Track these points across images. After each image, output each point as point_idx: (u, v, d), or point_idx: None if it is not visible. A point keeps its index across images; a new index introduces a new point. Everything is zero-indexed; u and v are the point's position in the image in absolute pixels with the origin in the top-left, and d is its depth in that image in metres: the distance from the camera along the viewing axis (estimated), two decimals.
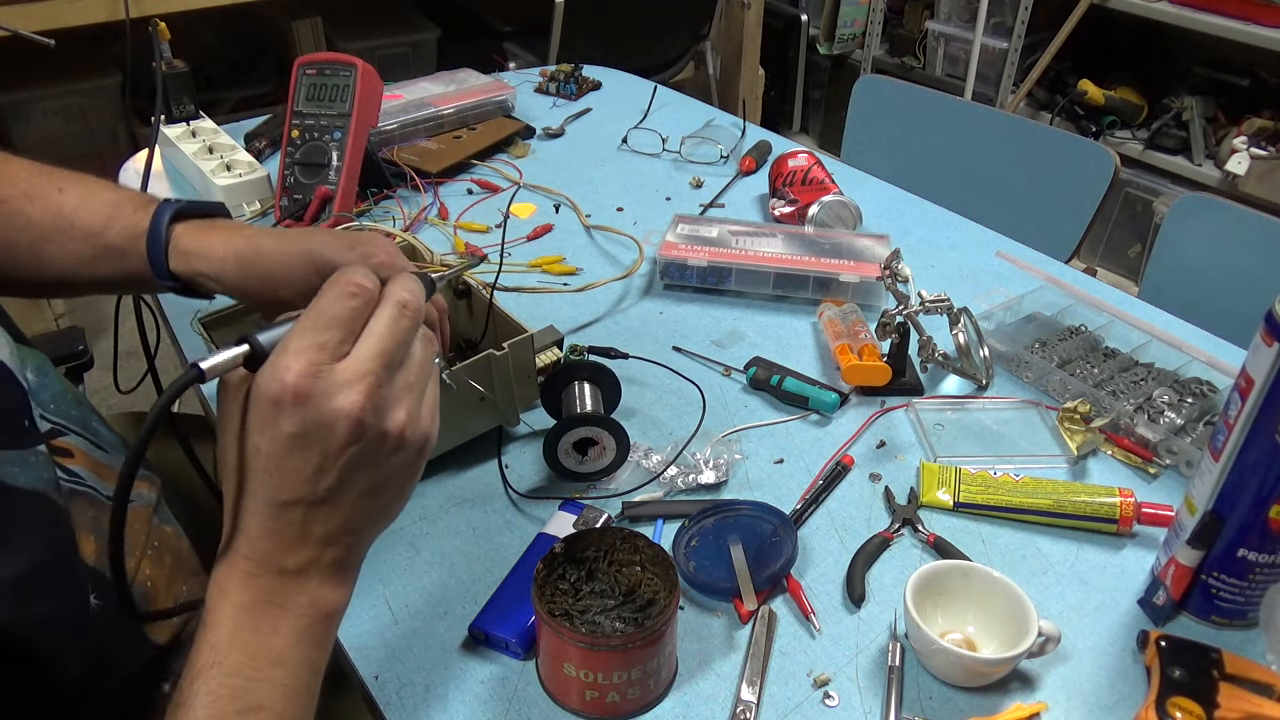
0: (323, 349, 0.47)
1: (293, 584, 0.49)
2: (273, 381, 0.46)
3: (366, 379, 0.47)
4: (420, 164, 1.33)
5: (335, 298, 0.48)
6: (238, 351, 0.48)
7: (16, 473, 0.53)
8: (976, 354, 0.97)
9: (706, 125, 1.52)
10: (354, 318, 0.48)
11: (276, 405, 0.46)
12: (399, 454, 0.49)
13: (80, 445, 0.64)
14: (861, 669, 0.67)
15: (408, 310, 0.50)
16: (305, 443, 0.46)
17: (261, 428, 0.47)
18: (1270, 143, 2.42)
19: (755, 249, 1.12)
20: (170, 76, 1.34)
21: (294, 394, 0.45)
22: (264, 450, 0.47)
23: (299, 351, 0.46)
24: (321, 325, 0.47)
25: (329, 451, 0.47)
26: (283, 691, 0.48)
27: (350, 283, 0.49)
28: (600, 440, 0.81)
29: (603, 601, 0.66)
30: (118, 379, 1.07)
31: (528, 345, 0.83)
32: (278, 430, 0.46)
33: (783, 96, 3.42)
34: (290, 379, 0.45)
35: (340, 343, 0.47)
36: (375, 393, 0.47)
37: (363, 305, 0.49)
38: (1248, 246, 1.24)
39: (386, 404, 0.48)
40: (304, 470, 0.47)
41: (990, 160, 1.55)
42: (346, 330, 0.48)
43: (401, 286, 0.51)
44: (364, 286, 0.49)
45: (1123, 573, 0.76)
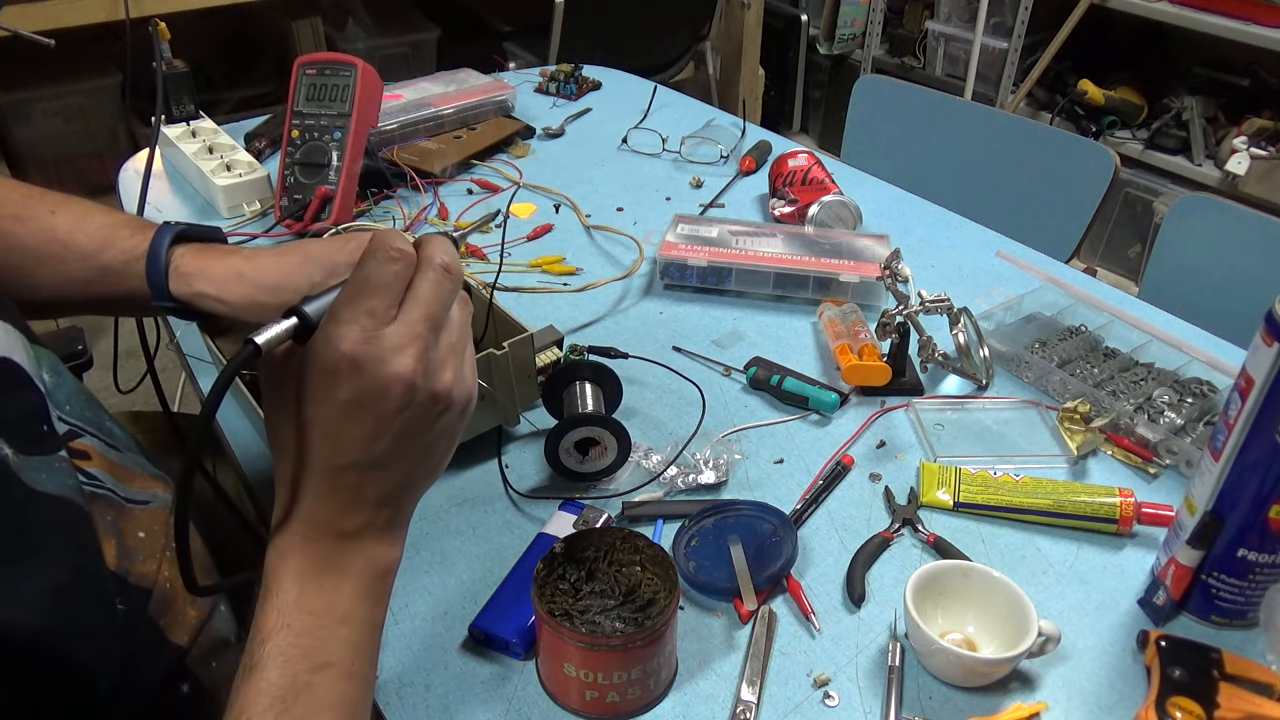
0: (372, 315, 0.47)
1: (351, 546, 0.51)
2: (327, 349, 0.47)
3: (417, 342, 0.48)
4: (420, 164, 1.33)
5: (379, 263, 0.49)
6: (288, 324, 0.49)
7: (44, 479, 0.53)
8: (976, 354, 0.97)
9: (706, 125, 1.52)
10: (398, 282, 0.49)
11: (333, 373, 0.47)
12: (447, 413, 0.51)
13: (96, 446, 0.64)
14: (861, 669, 0.67)
15: (450, 273, 0.51)
16: (360, 408, 0.48)
17: (316, 396, 0.48)
18: (1270, 143, 2.42)
19: (755, 249, 1.12)
20: (170, 76, 1.34)
21: (350, 361, 0.47)
22: (318, 418, 0.48)
23: (350, 320, 0.47)
24: (368, 291, 0.48)
25: (383, 415, 0.48)
26: (350, 648, 0.50)
27: (391, 247, 0.49)
28: (601, 440, 0.81)
29: (603, 601, 0.66)
30: (118, 379, 1.07)
31: (528, 344, 0.83)
32: (333, 397, 0.48)
33: (783, 96, 3.42)
34: (346, 347, 0.47)
35: (388, 308, 0.48)
36: (425, 355, 0.49)
37: (404, 269, 0.50)
38: (1248, 246, 1.24)
39: (435, 365, 0.50)
40: (359, 435, 0.48)
41: (990, 160, 1.55)
42: (393, 295, 0.49)
43: (439, 249, 0.52)
44: (404, 250, 0.50)
45: (1123, 573, 0.76)
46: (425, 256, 0.51)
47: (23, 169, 2.41)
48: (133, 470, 0.66)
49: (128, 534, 0.60)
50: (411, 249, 0.51)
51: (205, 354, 0.95)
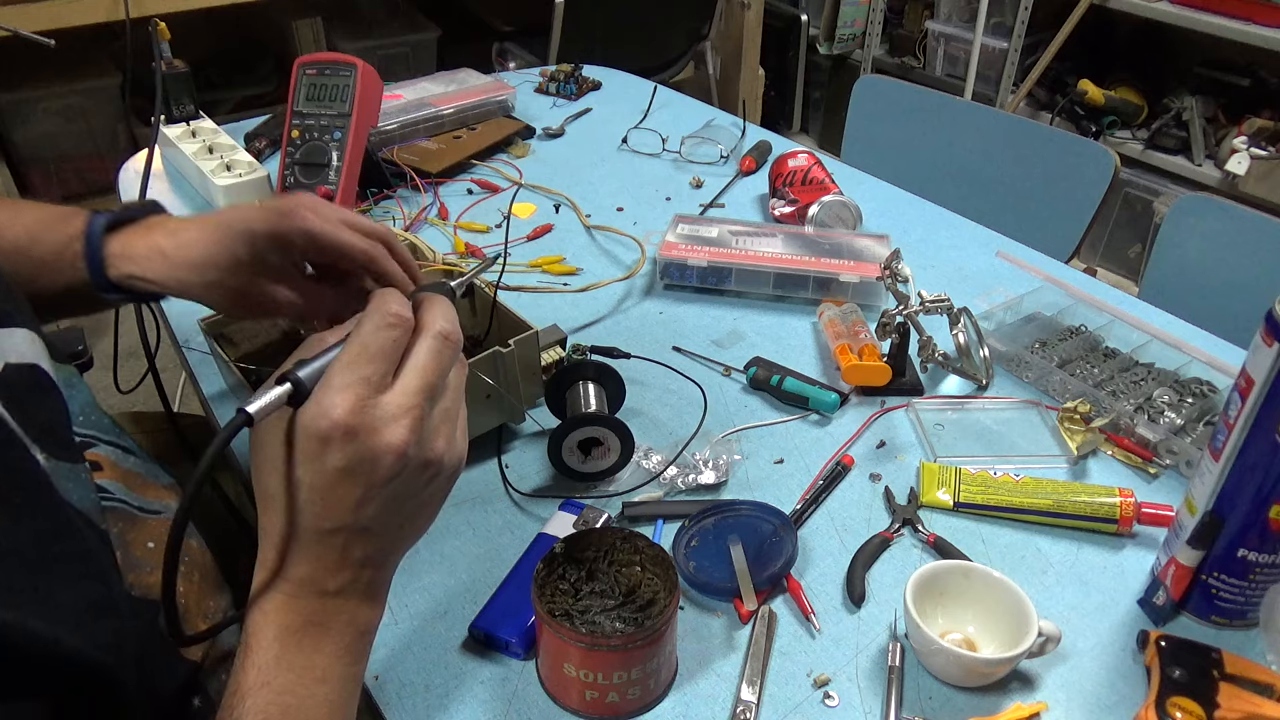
0: (367, 383, 0.47)
1: (333, 605, 0.51)
2: (321, 418, 0.47)
3: (411, 413, 0.48)
4: (420, 164, 1.33)
5: (375, 329, 0.49)
6: (282, 391, 0.49)
7: (71, 489, 0.53)
8: (976, 354, 0.97)
9: (706, 125, 1.52)
10: (395, 348, 0.49)
11: (324, 441, 0.47)
12: (437, 479, 0.52)
13: (110, 455, 0.64)
14: (861, 669, 0.67)
15: (449, 341, 0.51)
16: (351, 475, 0.48)
17: (308, 461, 0.47)
18: (1270, 143, 2.42)
19: (755, 249, 1.12)
20: (170, 76, 1.34)
21: (344, 430, 0.46)
22: (308, 482, 0.48)
23: (345, 387, 0.47)
24: (365, 359, 0.48)
25: (373, 483, 0.48)
26: (328, 706, 0.50)
27: (388, 313, 0.49)
28: (605, 440, 0.81)
29: (603, 601, 0.66)
30: (118, 379, 1.07)
31: (533, 343, 0.83)
32: (324, 464, 0.47)
33: (783, 96, 3.41)
34: (338, 415, 0.46)
35: (384, 375, 0.48)
36: (419, 425, 0.48)
37: (402, 335, 0.50)
38: (1248, 246, 1.24)
39: (428, 434, 0.50)
40: (348, 501, 0.48)
41: (990, 160, 1.55)
42: (389, 362, 0.49)
43: (440, 315, 0.52)
44: (402, 316, 0.50)
45: (1123, 573, 0.76)
46: (425, 323, 0.51)
47: (23, 169, 2.41)
48: (146, 479, 0.66)
49: (135, 544, 0.60)
50: (409, 314, 0.51)
51: (206, 355, 0.95)
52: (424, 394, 0.49)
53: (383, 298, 0.51)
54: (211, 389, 0.93)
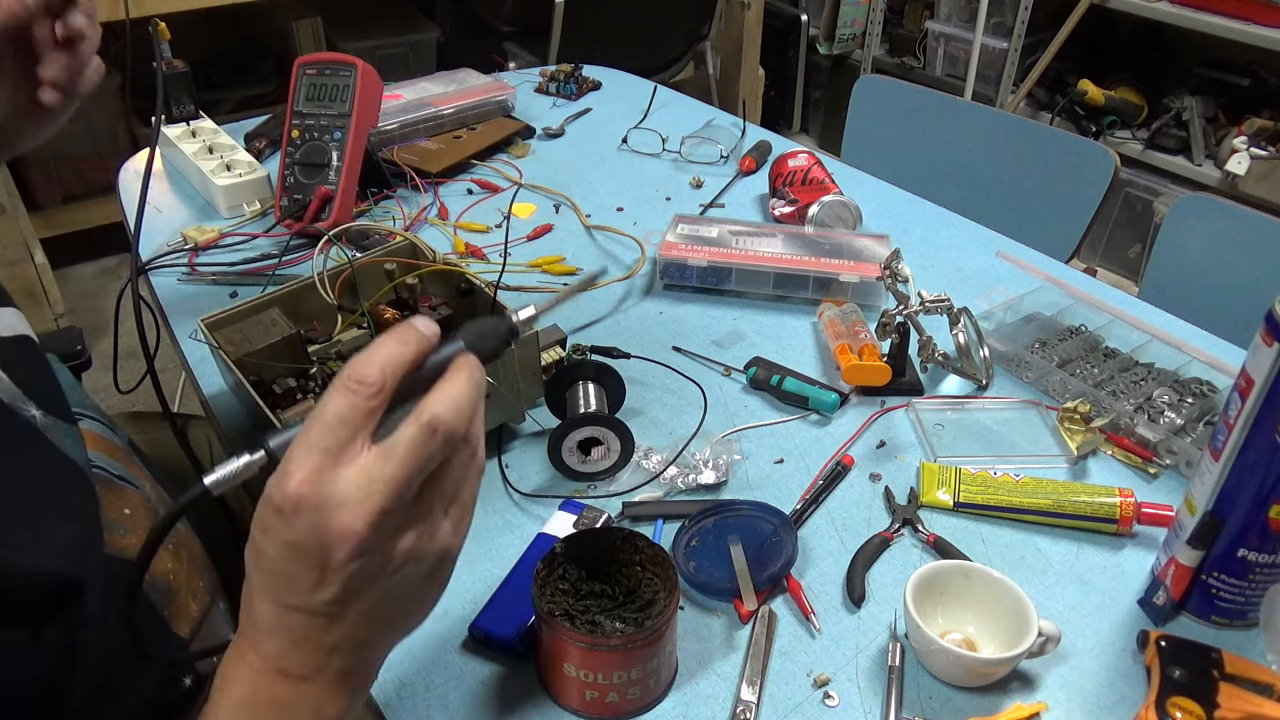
0: (324, 453, 0.43)
1: (295, 688, 0.47)
2: (274, 487, 0.43)
3: (370, 501, 0.43)
4: (420, 164, 1.33)
5: (336, 394, 0.44)
6: (245, 461, 0.46)
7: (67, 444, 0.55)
8: (976, 354, 0.97)
9: (706, 125, 1.52)
10: (358, 414, 0.44)
11: (278, 511, 0.43)
12: (405, 571, 0.46)
13: (93, 429, 0.65)
14: (861, 669, 0.67)
15: (439, 434, 0.44)
16: (303, 553, 0.44)
17: (265, 532, 0.45)
18: (1270, 143, 2.42)
19: (755, 249, 1.12)
20: (170, 76, 1.34)
21: (293, 503, 0.43)
22: (267, 553, 0.45)
23: (302, 457, 0.43)
24: (321, 427, 0.43)
25: (328, 566, 0.44)
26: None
27: (349, 378, 0.44)
28: (605, 440, 0.81)
29: (603, 601, 0.66)
30: (118, 379, 1.07)
31: (534, 343, 0.83)
32: (277, 536, 0.44)
33: (783, 96, 3.41)
34: (290, 487, 0.43)
35: (343, 445, 0.43)
36: (380, 519, 0.43)
37: (365, 401, 0.44)
38: (1248, 246, 1.24)
39: (392, 529, 0.44)
40: (304, 580, 0.44)
41: (990, 160, 1.55)
42: (352, 429, 0.44)
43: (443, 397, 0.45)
44: (364, 380, 0.44)
45: (1123, 573, 0.76)
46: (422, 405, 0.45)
47: (23, 169, 2.41)
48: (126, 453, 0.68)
49: (111, 508, 0.61)
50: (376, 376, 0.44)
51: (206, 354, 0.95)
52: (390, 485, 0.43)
53: (353, 362, 0.45)
54: (211, 389, 0.93)
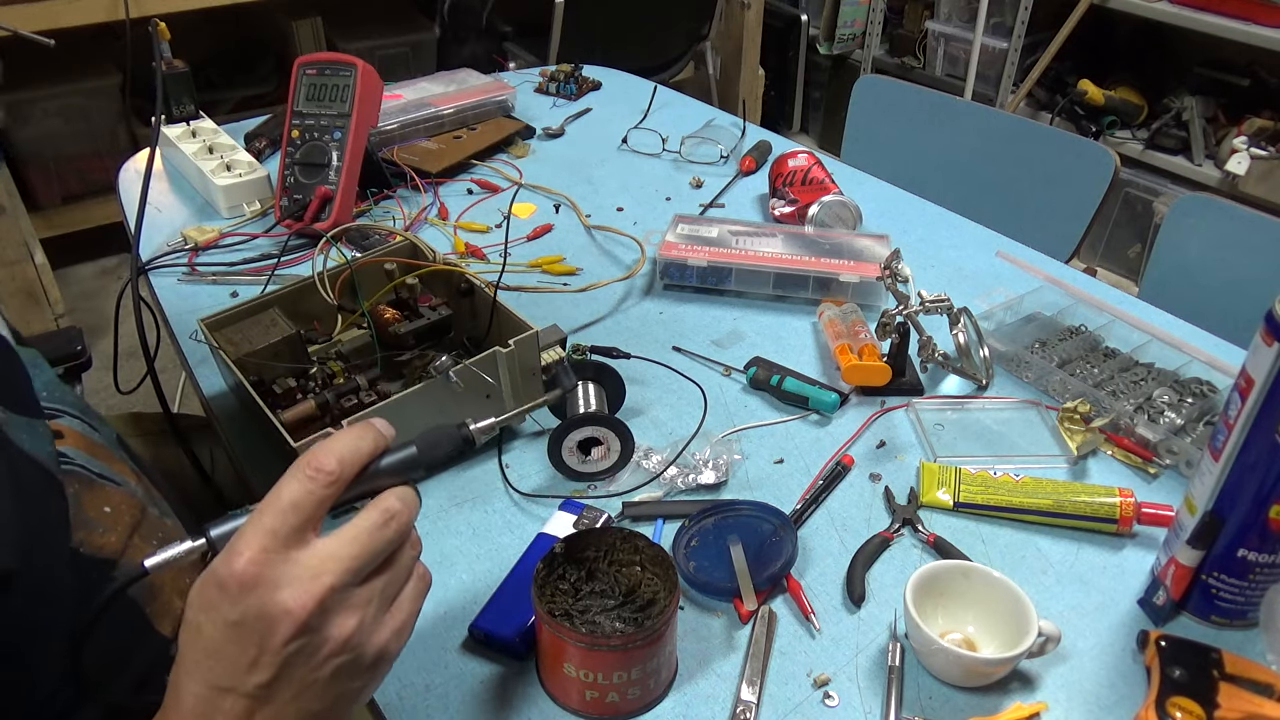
0: (275, 535, 0.45)
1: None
2: (221, 565, 0.45)
3: (320, 580, 0.45)
4: (420, 164, 1.33)
5: (292, 479, 0.46)
6: (186, 547, 0.48)
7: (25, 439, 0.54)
8: (976, 354, 0.97)
9: (706, 125, 1.52)
10: (312, 502, 0.46)
11: (223, 588, 0.44)
12: (339, 660, 0.47)
13: (73, 425, 0.65)
14: (861, 669, 0.67)
15: (392, 523, 0.48)
16: (244, 632, 0.45)
17: (205, 609, 0.45)
18: (1270, 143, 2.42)
19: (755, 249, 1.12)
20: (170, 76, 1.34)
21: (239, 581, 0.44)
22: (205, 631, 0.45)
23: (251, 537, 0.45)
24: (275, 510, 0.45)
25: (266, 646, 0.45)
26: None
27: (308, 465, 0.46)
28: (605, 440, 0.81)
29: (603, 601, 0.66)
30: (117, 379, 1.07)
31: (533, 343, 0.83)
32: (219, 615, 0.45)
33: (783, 96, 3.42)
34: (238, 565, 0.44)
35: (295, 530, 0.45)
36: (326, 596, 0.45)
37: (323, 489, 0.46)
38: (1248, 246, 1.24)
39: (336, 609, 0.46)
40: (240, 660, 0.45)
41: (990, 160, 1.55)
42: (302, 516, 0.46)
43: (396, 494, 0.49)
44: (323, 470, 0.46)
45: (1123, 573, 0.76)
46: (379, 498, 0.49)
47: (23, 169, 2.41)
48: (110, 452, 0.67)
49: (90, 506, 0.60)
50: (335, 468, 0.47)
51: (206, 355, 0.95)
52: (340, 565, 0.45)
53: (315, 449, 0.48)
54: (211, 389, 0.93)
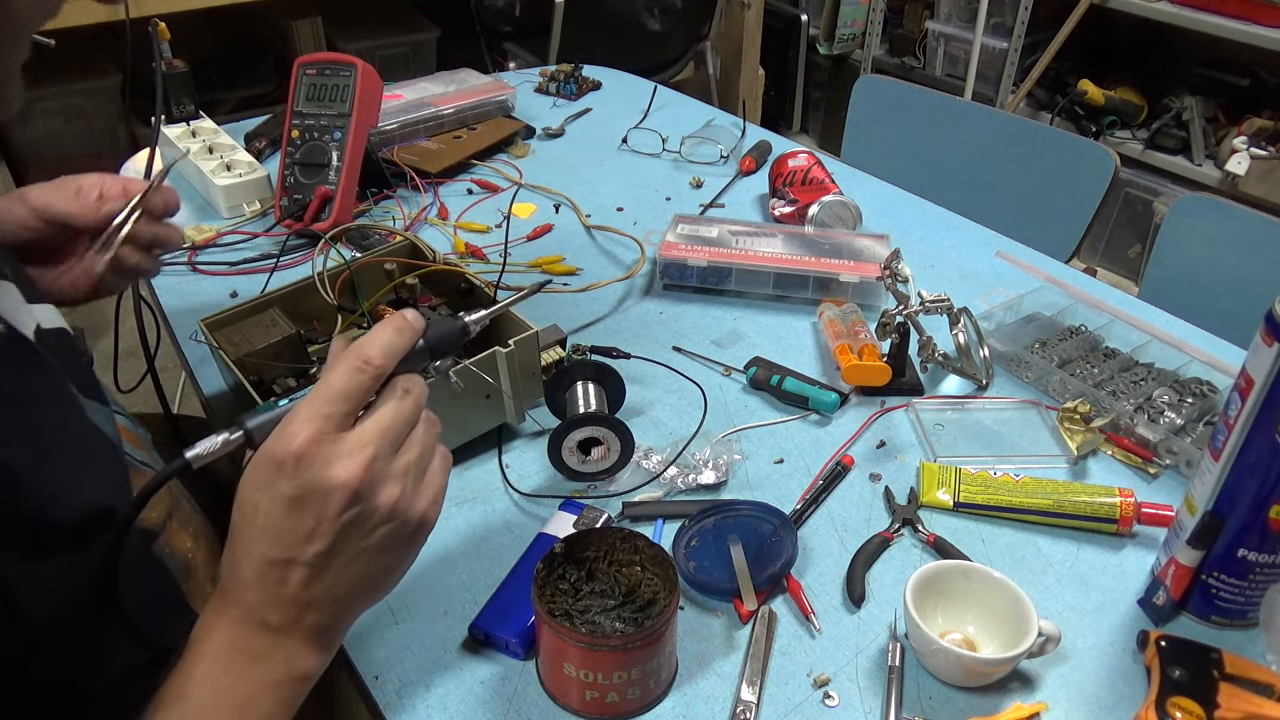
0: (329, 419, 0.50)
1: (272, 639, 0.51)
2: (278, 445, 0.49)
3: (365, 451, 0.50)
4: (420, 164, 1.33)
5: (345, 372, 0.51)
6: (225, 437, 0.52)
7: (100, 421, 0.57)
8: (976, 354, 0.97)
9: (706, 125, 1.52)
10: (360, 393, 0.51)
11: (279, 467, 0.49)
12: (387, 528, 0.52)
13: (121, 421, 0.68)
14: (861, 669, 0.67)
15: (410, 395, 0.53)
16: (301, 505, 0.49)
17: (263, 488, 0.49)
18: (1270, 143, 2.42)
19: (755, 249, 1.12)
20: (170, 76, 1.34)
21: (295, 458, 0.48)
22: (263, 508, 0.49)
23: (307, 420, 0.49)
24: (330, 398, 0.50)
25: (323, 516, 0.49)
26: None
27: (360, 357, 0.51)
28: (605, 440, 0.81)
29: (603, 601, 0.66)
30: (118, 379, 1.07)
31: (533, 343, 0.83)
32: (277, 491, 0.49)
33: (783, 96, 3.41)
34: (295, 445, 0.48)
35: (345, 415, 0.50)
36: (371, 467, 0.50)
37: (370, 380, 0.51)
38: (1248, 246, 1.24)
39: (382, 479, 0.51)
40: (297, 531, 0.49)
41: (990, 160, 1.55)
42: (353, 404, 0.51)
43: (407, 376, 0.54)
44: (373, 363, 0.51)
45: (1123, 573, 0.76)
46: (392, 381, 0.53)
47: (23, 169, 2.41)
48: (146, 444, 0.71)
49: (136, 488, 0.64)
50: (382, 361, 0.52)
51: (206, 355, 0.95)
52: (380, 437, 0.51)
53: (360, 344, 0.52)
54: (211, 389, 0.93)
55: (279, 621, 0.51)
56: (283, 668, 0.52)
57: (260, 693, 0.51)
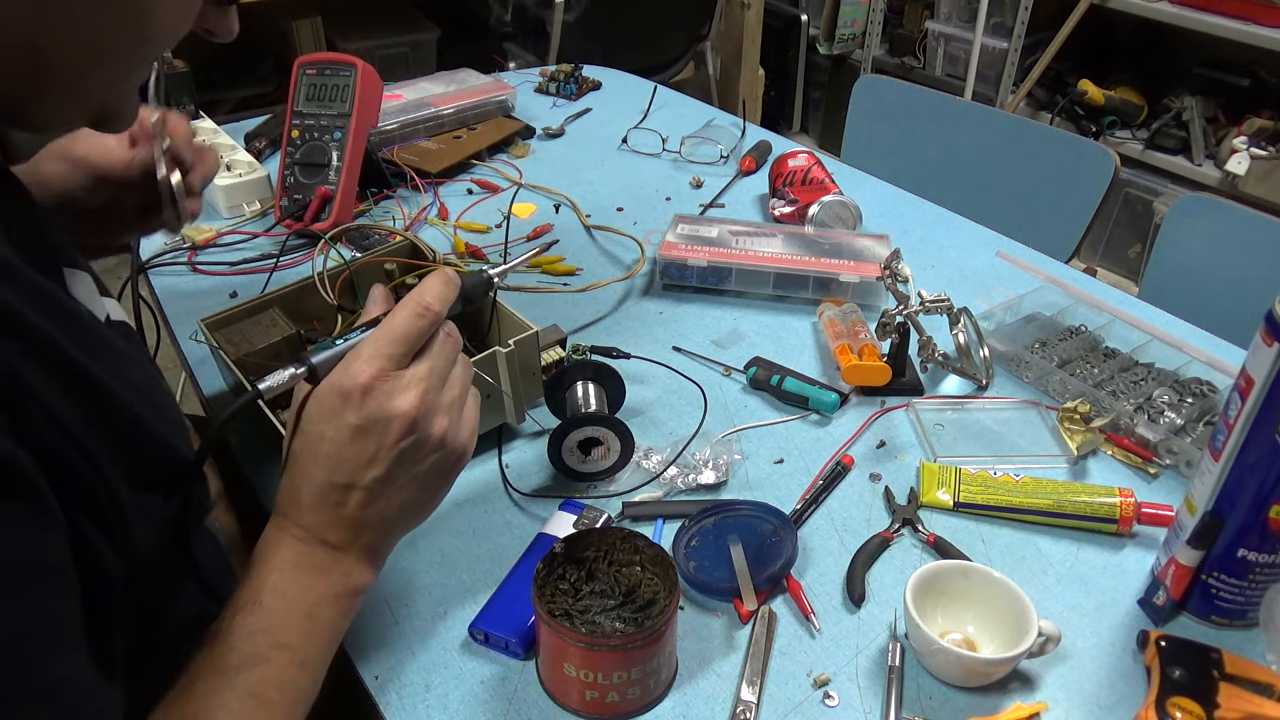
0: (391, 359, 0.56)
1: (331, 555, 0.57)
2: (347, 379, 0.55)
3: (420, 385, 0.56)
4: (420, 164, 1.33)
5: (409, 316, 0.57)
6: (293, 371, 0.58)
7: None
8: (976, 354, 0.97)
9: (706, 125, 1.52)
10: (420, 337, 0.58)
11: (346, 398, 0.55)
12: (437, 456, 0.58)
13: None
14: (861, 669, 0.67)
15: (450, 338, 0.60)
16: (365, 433, 0.55)
17: (329, 417, 0.55)
18: (1270, 143, 2.42)
19: (755, 249, 1.12)
20: (170, 76, 1.34)
21: (362, 390, 0.55)
22: (329, 436, 0.55)
23: (372, 358, 0.55)
24: (393, 339, 0.56)
25: (383, 444, 0.56)
26: (306, 639, 0.56)
27: (421, 304, 0.58)
28: (605, 440, 0.81)
29: (603, 601, 0.66)
30: None
31: (533, 342, 0.83)
32: (343, 419, 0.55)
33: (783, 96, 3.41)
34: (362, 379, 0.55)
35: (404, 355, 0.57)
36: (426, 399, 0.56)
37: (428, 326, 0.58)
38: (1248, 246, 1.24)
39: (434, 411, 0.57)
40: (360, 458, 0.56)
41: (990, 160, 1.55)
42: (411, 345, 0.57)
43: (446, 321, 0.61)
44: (433, 310, 0.58)
45: (1123, 573, 0.76)
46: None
47: None
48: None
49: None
50: (440, 308, 0.59)
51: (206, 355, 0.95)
52: (432, 374, 0.57)
53: (422, 288, 0.58)
54: (211, 389, 0.93)
55: (338, 540, 0.57)
56: (342, 581, 0.58)
57: (323, 602, 0.57)
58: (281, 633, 0.54)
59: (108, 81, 0.53)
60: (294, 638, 0.55)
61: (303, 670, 0.55)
